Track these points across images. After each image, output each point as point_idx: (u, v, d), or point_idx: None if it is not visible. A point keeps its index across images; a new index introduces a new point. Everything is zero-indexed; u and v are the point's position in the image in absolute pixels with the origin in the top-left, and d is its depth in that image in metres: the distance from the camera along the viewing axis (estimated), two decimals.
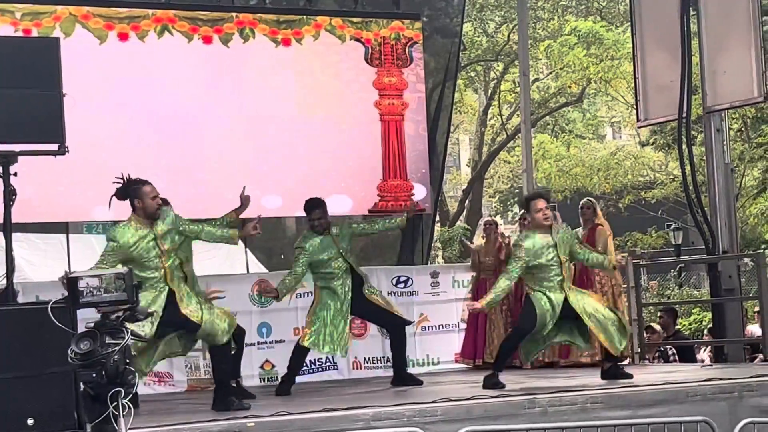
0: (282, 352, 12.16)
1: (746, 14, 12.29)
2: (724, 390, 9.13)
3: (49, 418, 7.27)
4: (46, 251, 14.96)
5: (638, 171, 33.65)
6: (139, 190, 8.94)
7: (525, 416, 8.34)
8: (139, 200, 8.93)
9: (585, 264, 10.84)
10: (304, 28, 13.84)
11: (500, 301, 10.45)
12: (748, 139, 27.99)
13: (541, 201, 9.98)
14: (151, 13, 13.09)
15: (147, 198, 8.92)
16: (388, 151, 14.14)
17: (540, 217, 9.90)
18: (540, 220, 9.91)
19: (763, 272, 12.75)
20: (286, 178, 13.43)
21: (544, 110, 33.35)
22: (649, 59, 13.40)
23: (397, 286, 13.04)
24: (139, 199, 8.93)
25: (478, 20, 31.31)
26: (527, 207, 10.13)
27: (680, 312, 26.44)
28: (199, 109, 13.25)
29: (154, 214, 8.93)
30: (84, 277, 5.27)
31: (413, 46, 14.42)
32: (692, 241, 31.89)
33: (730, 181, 12.91)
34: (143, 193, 8.92)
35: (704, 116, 12.91)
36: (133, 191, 8.94)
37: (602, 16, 32.03)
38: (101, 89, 12.67)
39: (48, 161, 8.69)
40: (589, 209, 12.66)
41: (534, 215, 9.94)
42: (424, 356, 13.10)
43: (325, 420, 7.88)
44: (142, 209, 8.93)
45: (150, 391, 11.43)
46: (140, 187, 8.95)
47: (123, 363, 5.11)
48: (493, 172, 36.93)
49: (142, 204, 8.91)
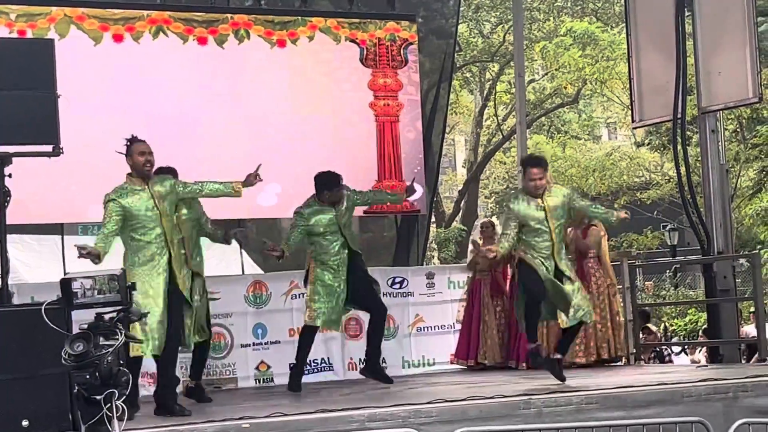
0: (277, 353, 12.17)
1: (741, 15, 12.31)
2: (719, 390, 9.14)
3: (44, 420, 7.26)
4: (40, 252, 14.93)
5: (634, 172, 33.66)
6: (129, 147, 9.05)
7: (520, 417, 8.34)
8: (129, 157, 9.03)
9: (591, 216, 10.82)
10: (299, 29, 13.84)
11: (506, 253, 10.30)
12: (743, 140, 28.02)
13: (535, 169, 9.92)
14: (146, 14, 13.08)
15: (134, 154, 9.00)
16: (383, 152, 14.14)
17: (531, 186, 9.87)
18: (530, 189, 9.88)
19: (758, 273, 12.80)
20: (281, 179, 13.42)
21: (540, 111, 33.36)
22: (644, 60, 13.41)
23: (392, 287, 13.03)
24: (129, 156, 9.03)
25: (474, 21, 31.33)
26: (523, 171, 10.10)
27: (675, 312, 26.53)
28: (194, 110, 13.24)
29: (142, 171, 8.98)
30: (78, 278, 5.27)
31: (408, 47, 14.42)
32: (688, 242, 31.91)
33: (725, 182, 12.92)
34: (132, 150, 9.03)
35: (699, 117, 12.92)
36: (126, 149, 9.04)
37: (597, 17, 32.05)
38: (96, 90, 12.66)
39: (43, 162, 8.68)
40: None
41: (526, 182, 9.91)
42: (419, 357, 13.10)
43: (320, 421, 7.87)
44: (131, 166, 9.02)
45: (144, 392, 11.41)
46: (131, 145, 9.05)
47: (117, 364, 5.10)
48: (489, 173, 36.93)
49: (131, 161, 9.01)
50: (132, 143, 9.06)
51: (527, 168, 9.98)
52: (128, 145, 9.06)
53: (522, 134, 16.31)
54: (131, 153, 9.02)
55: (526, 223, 9.81)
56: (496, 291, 12.94)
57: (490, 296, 12.95)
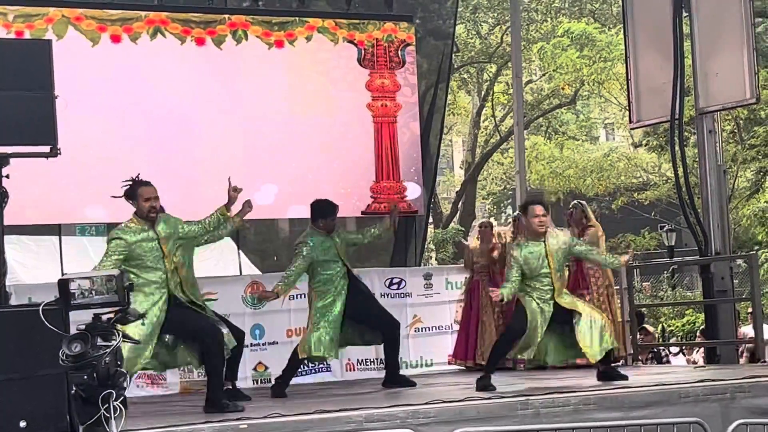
0: (275, 354, 12.17)
1: (738, 16, 12.31)
2: (717, 391, 9.13)
3: (41, 421, 7.25)
4: (38, 253, 14.94)
5: (631, 172, 33.68)
6: (135, 191, 9.00)
7: (518, 417, 8.34)
8: (134, 201, 8.99)
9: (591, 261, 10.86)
10: (296, 30, 13.84)
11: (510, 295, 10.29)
12: (740, 141, 28.01)
13: (538, 207, 9.95)
14: (144, 15, 13.09)
15: (140, 199, 8.97)
16: (381, 153, 14.15)
17: (536, 223, 9.88)
18: (535, 227, 9.89)
19: (756, 273, 12.80)
20: (279, 179, 13.44)
21: (538, 112, 33.36)
22: (642, 61, 13.41)
23: (390, 287, 13.04)
24: (134, 200, 9.00)
25: (471, 22, 31.31)
26: (524, 211, 10.11)
27: (673, 313, 26.52)
28: (191, 111, 13.25)
29: (146, 216, 8.94)
30: (75, 279, 5.26)
31: (406, 48, 14.43)
32: (685, 243, 31.90)
33: (722, 183, 12.91)
34: (138, 194, 8.98)
35: (697, 118, 12.92)
36: (131, 191, 9.00)
37: (595, 17, 32.04)
38: (94, 91, 12.66)
39: (40, 163, 8.67)
40: (577, 210, 12.67)
41: (530, 220, 9.92)
42: (417, 358, 13.11)
43: (318, 422, 7.87)
44: (136, 210, 9.00)
45: (143, 393, 11.43)
46: (137, 188, 9.01)
47: (114, 365, 5.10)
48: (487, 173, 36.92)
49: (136, 205, 8.97)
50: (138, 186, 9.00)
51: (531, 207, 9.99)
52: (132, 186, 9.01)
53: (519, 135, 16.32)
54: (136, 197, 8.98)
55: (529, 269, 9.82)
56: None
57: (488, 297, 12.95)
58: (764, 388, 9.28)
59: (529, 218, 9.93)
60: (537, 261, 9.81)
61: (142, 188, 8.99)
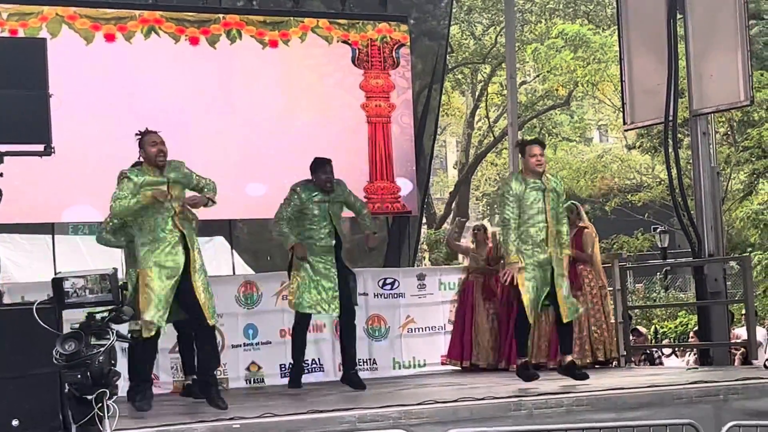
0: (268, 353, 12.16)
1: (733, 18, 12.32)
2: (710, 393, 9.14)
3: (35, 420, 7.25)
4: (31, 252, 14.92)
5: (625, 174, 33.70)
6: (141, 139, 9.09)
7: (511, 418, 8.33)
8: (142, 149, 9.08)
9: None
10: (291, 30, 13.84)
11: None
12: (734, 143, 28.06)
13: (536, 147, 9.95)
14: (138, 14, 13.08)
15: (147, 145, 9.05)
16: (375, 153, 14.15)
17: (533, 162, 9.87)
18: (533, 165, 9.87)
19: (749, 275, 12.81)
20: (272, 179, 13.41)
21: (531, 113, 33.36)
22: (636, 62, 13.43)
23: (383, 288, 13.03)
24: (141, 148, 9.08)
25: (466, 23, 31.33)
26: (522, 151, 10.06)
27: (666, 315, 26.56)
28: (185, 110, 13.23)
29: (155, 161, 9.01)
30: (69, 277, 5.25)
31: (400, 49, 14.43)
32: (678, 244, 31.98)
33: (716, 185, 12.93)
34: (144, 141, 9.08)
35: (691, 119, 12.94)
36: (139, 141, 9.09)
37: (589, 19, 32.06)
38: (88, 90, 12.65)
39: (34, 162, 8.67)
40: (572, 213, 12.66)
41: (528, 160, 9.89)
42: (410, 358, 13.10)
43: (311, 422, 7.86)
44: (144, 158, 9.07)
45: None
46: (143, 137, 9.10)
47: (108, 364, 5.10)
48: (480, 174, 36.96)
49: (144, 153, 9.06)
50: (144, 135, 9.10)
51: (528, 146, 9.97)
52: (140, 136, 9.10)
53: (513, 136, 16.25)
54: (143, 144, 9.07)
55: (524, 204, 9.81)
56: (488, 292, 12.96)
57: (482, 297, 12.97)
58: (757, 390, 9.29)
59: (527, 158, 9.90)
60: (533, 196, 9.83)
61: (147, 136, 9.09)
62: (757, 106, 25.14)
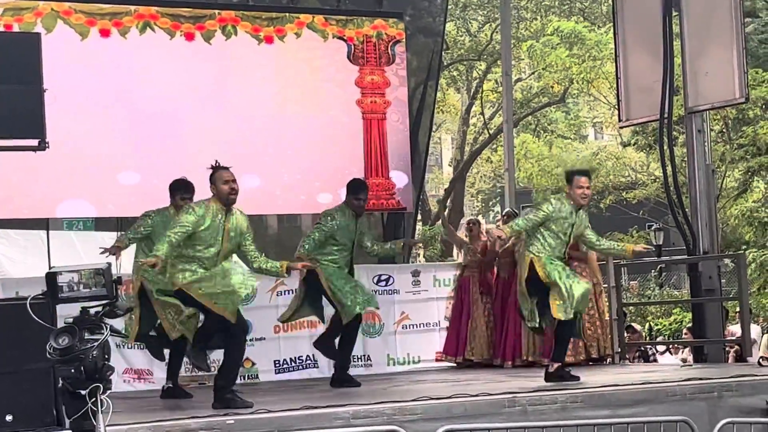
0: (262, 350, 12.16)
1: (728, 15, 12.32)
2: (704, 390, 9.15)
3: (28, 415, 7.24)
4: (26, 247, 14.92)
5: (620, 171, 33.74)
6: (214, 175, 9.03)
7: (505, 415, 8.33)
8: (213, 185, 9.02)
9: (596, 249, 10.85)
10: (286, 26, 13.82)
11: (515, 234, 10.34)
12: (729, 141, 28.08)
13: (584, 179, 10.02)
14: (134, 9, 13.06)
15: (219, 182, 8.99)
16: (370, 150, 14.14)
17: (579, 195, 9.92)
18: (578, 198, 9.93)
19: (744, 273, 12.81)
20: (267, 174, 13.41)
21: (527, 110, 33.41)
22: (632, 60, 13.42)
23: (378, 284, 13.03)
24: (213, 184, 9.03)
25: (461, 19, 31.34)
26: (569, 180, 10.09)
27: (660, 312, 26.58)
28: (180, 105, 13.22)
29: (227, 199, 8.96)
30: (63, 272, 5.24)
31: (396, 45, 14.43)
32: (673, 242, 32.01)
33: (711, 182, 12.93)
34: (216, 177, 9.01)
35: (686, 117, 12.93)
36: (211, 176, 9.04)
37: (585, 16, 32.10)
38: (83, 85, 12.63)
39: (28, 157, 8.66)
40: None
41: (574, 191, 9.92)
42: (404, 355, 13.10)
43: (305, 418, 7.86)
44: (216, 193, 8.99)
45: (130, 388, 11.42)
46: (215, 172, 9.04)
47: (102, 359, 5.08)
48: (475, 171, 36.98)
49: (216, 188, 8.99)
50: (217, 170, 9.04)
51: (576, 177, 10.02)
52: (214, 171, 9.05)
53: (509, 133, 16.33)
54: (215, 180, 9.02)
55: (555, 225, 9.84)
56: (485, 288, 12.96)
57: (479, 293, 12.97)
58: (751, 387, 9.30)
59: (573, 188, 9.94)
60: (564, 222, 9.86)
61: (220, 172, 9.03)
62: (752, 104, 25.19)
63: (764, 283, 23.70)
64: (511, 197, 15.14)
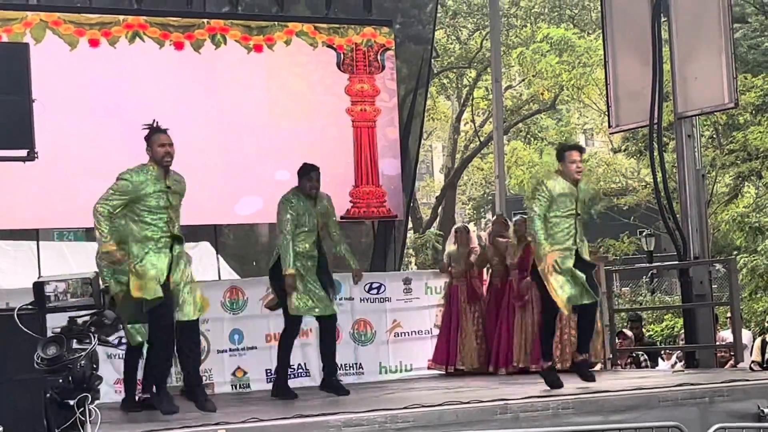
0: (254, 359, 12.15)
1: (717, 21, 12.33)
2: (696, 395, 9.14)
3: (18, 425, 7.21)
4: (16, 258, 14.87)
5: (610, 178, 33.71)
6: (150, 137, 8.95)
7: (497, 422, 8.32)
8: (149, 147, 8.94)
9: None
10: (275, 34, 13.82)
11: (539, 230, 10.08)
12: (719, 146, 28.11)
13: (575, 152, 10.01)
14: (122, 19, 13.05)
15: (155, 145, 8.93)
16: (360, 158, 14.13)
17: (573, 169, 9.91)
18: (572, 172, 9.92)
19: (735, 278, 12.84)
20: (257, 184, 13.40)
21: (517, 117, 33.40)
22: (621, 66, 13.44)
23: (369, 292, 13.02)
24: (149, 146, 8.95)
25: (451, 27, 31.36)
26: (561, 157, 10.07)
27: (652, 318, 26.57)
28: (170, 115, 13.04)
29: (161, 162, 8.90)
30: (51, 281, 5.23)
31: (385, 53, 14.42)
32: (664, 248, 31.96)
33: (701, 188, 12.95)
34: (152, 140, 8.94)
35: (675, 122, 12.94)
36: (147, 137, 8.95)
37: (574, 23, 32.12)
38: (72, 95, 12.62)
39: (17, 167, 8.64)
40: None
41: (567, 166, 9.92)
42: (396, 363, 13.09)
43: (297, 426, 7.85)
44: (151, 156, 8.93)
45: (119, 398, 11.37)
46: (152, 135, 8.96)
47: (90, 368, 5.07)
48: (466, 178, 36.96)
49: (151, 151, 8.92)
50: (153, 132, 8.96)
51: (567, 152, 10.01)
52: (150, 133, 8.96)
53: (499, 140, 16.32)
54: (151, 143, 8.93)
55: (557, 203, 9.83)
56: (473, 296, 12.97)
57: (467, 302, 12.97)
58: (743, 392, 9.29)
59: (566, 163, 9.93)
60: (566, 198, 9.86)
61: (156, 135, 8.96)
62: (742, 109, 25.21)
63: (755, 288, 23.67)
64: (502, 204, 15.13)
